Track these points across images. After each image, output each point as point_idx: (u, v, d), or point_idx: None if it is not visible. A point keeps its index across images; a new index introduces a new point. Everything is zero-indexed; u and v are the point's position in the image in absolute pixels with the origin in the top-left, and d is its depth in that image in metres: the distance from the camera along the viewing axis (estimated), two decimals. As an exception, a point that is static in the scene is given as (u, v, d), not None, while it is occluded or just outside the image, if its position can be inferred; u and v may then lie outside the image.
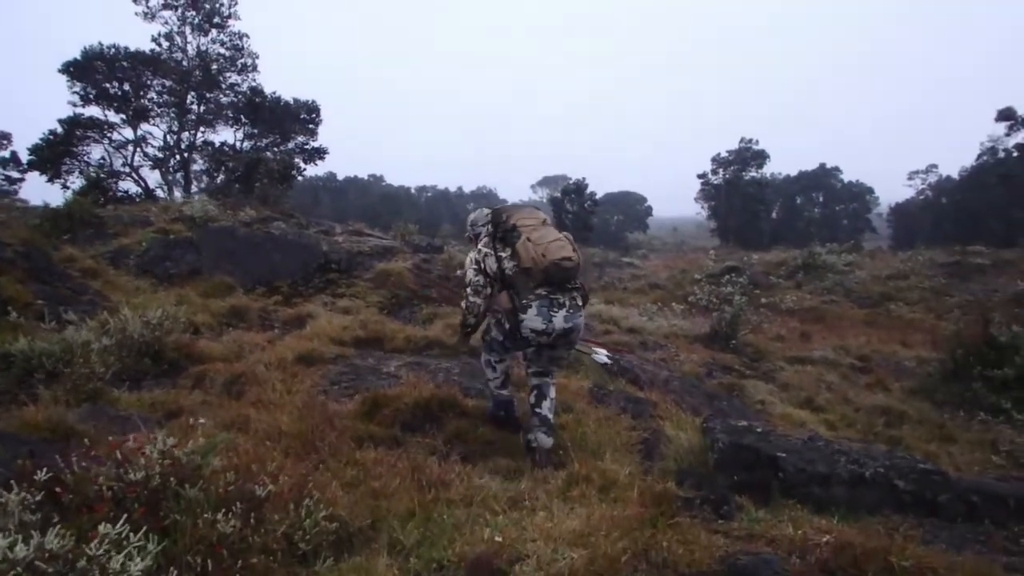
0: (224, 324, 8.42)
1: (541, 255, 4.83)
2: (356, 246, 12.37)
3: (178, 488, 2.99)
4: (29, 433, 4.08)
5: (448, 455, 4.59)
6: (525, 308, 4.91)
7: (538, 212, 5.40)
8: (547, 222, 5.27)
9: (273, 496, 3.20)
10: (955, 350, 11.14)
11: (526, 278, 4.93)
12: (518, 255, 4.95)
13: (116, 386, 5.56)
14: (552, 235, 5.03)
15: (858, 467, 4.21)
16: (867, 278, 27.09)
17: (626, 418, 5.64)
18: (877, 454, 4.52)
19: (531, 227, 5.08)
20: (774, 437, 4.69)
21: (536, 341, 5.00)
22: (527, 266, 4.88)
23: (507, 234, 5.13)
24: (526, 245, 4.91)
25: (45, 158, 31.91)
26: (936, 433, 8.97)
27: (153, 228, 12.79)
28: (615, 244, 69.17)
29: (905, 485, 4.12)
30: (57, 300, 7.71)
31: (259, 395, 5.51)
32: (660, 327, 12.26)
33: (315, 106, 39.21)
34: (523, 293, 4.94)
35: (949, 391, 10.62)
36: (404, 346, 7.69)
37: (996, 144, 58.04)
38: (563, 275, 4.89)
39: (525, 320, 4.91)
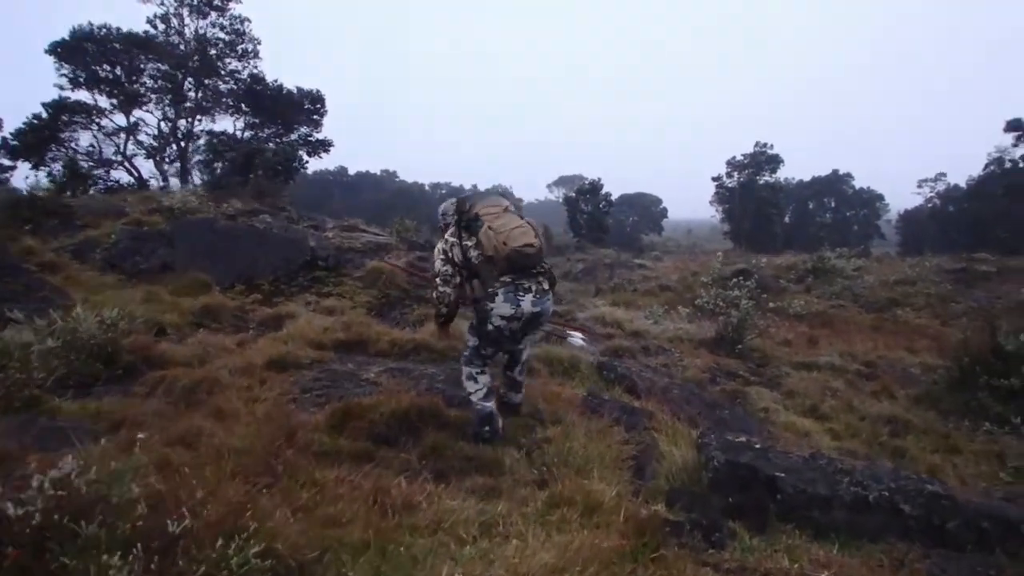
0: (194, 325, 7.86)
1: (502, 243, 4.91)
2: (347, 242, 11.84)
3: (73, 525, 2.47)
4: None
5: (421, 472, 4.13)
6: (492, 296, 4.99)
7: (502, 200, 5.43)
8: (509, 209, 5.31)
9: (196, 530, 2.67)
10: (961, 358, 10.87)
11: (490, 266, 5.02)
12: (481, 244, 5.02)
13: (59, 393, 5.06)
14: (514, 222, 5.09)
15: (861, 489, 3.99)
16: (875, 283, 27.25)
17: (619, 430, 5.15)
18: (882, 474, 4.28)
19: (493, 215, 5.14)
20: (773, 454, 4.48)
21: (508, 329, 5.07)
22: (490, 254, 4.97)
23: (471, 223, 5.18)
24: (488, 233, 4.99)
25: (28, 144, 30.60)
26: (941, 443, 8.78)
27: (126, 219, 12.21)
28: (630, 245, 68.96)
29: (911, 510, 3.89)
30: (6, 297, 7.21)
31: (219, 405, 4.90)
32: (665, 331, 11.94)
33: (319, 96, 37.91)
34: (489, 281, 5.05)
35: (955, 400, 10.43)
36: (389, 350, 7.10)
37: (1003, 155, 58.79)
38: (525, 261, 4.99)
39: (494, 308, 4.98)
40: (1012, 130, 54.44)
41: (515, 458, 4.55)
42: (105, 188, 28.58)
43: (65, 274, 9.23)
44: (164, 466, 3.59)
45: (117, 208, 13.25)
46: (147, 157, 34.95)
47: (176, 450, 3.87)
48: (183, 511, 2.70)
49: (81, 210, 12.84)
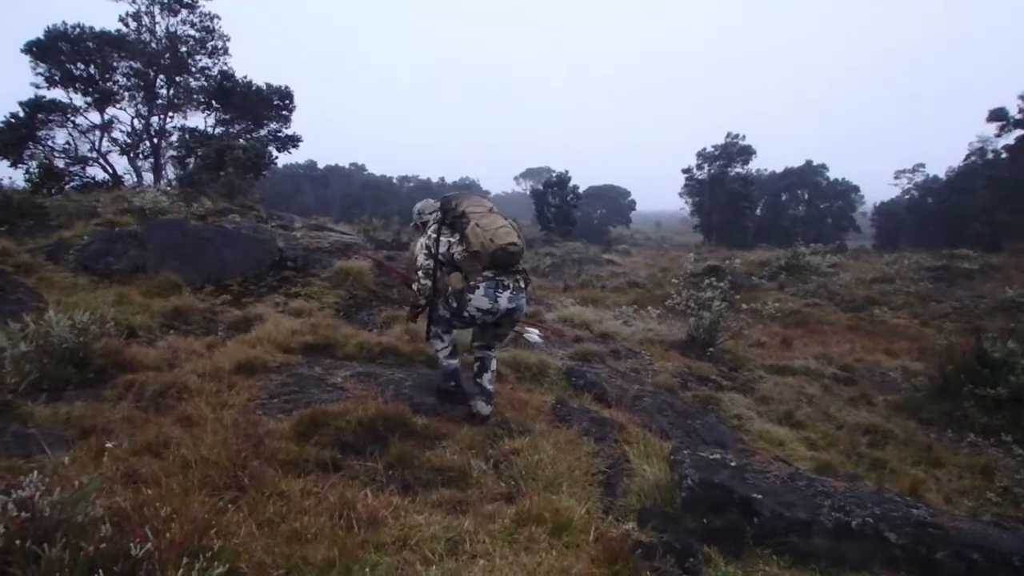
0: (164, 327, 7.82)
1: (489, 240, 5.27)
2: (315, 242, 11.79)
3: (36, 548, 2.48)
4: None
5: (387, 485, 4.14)
6: (473, 289, 5.34)
7: (485, 200, 5.81)
8: (493, 210, 5.67)
9: (160, 551, 2.67)
10: (944, 365, 10.67)
11: (474, 261, 5.36)
12: (468, 240, 5.36)
13: (33, 397, 5.07)
14: (499, 222, 5.46)
15: (844, 515, 3.76)
16: (851, 281, 27.04)
17: (588, 442, 5.18)
18: (865, 498, 4.02)
19: (479, 214, 5.49)
20: (750, 474, 4.25)
21: (481, 320, 5.53)
22: (476, 250, 5.31)
23: (456, 220, 5.54)
24: (475, 231, 5.33)
25: (7, 143, 30.59)
26: (923, 455, 8.50)
27: (99, 220, 12.15)
28: (597, 238, 69.12)
29: (897, 538, 3.63)
30: (-21, 300, 7.16)
31: (187, 411, 4.94)
32: (635, 332, 11.78)
33: (288, 92, 37.94)
34: (471, 275, 5.37)
35: (937, 409, 10.16)
36: (356, 353, 7.16)
37: (985, 145, 58.41)
38: (509, 259, 5.38)
39: (472, 300, 5.36)
40: (995, 120, 53.75)
41: (482, 470, 4.53)
42: (81, 185, 28.45)
43: (39, 275, 9.19)
44: (131, 477, 3.68)
45: (89, 209, 13.14)
46: (121, 154, 34.86)
47: (143, 460, 3.92)
48: (146, 531, 2.71)
49: (55, 211, 12.71)
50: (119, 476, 3.70)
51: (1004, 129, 53.69)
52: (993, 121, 53.96)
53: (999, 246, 40.70)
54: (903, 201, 71.13)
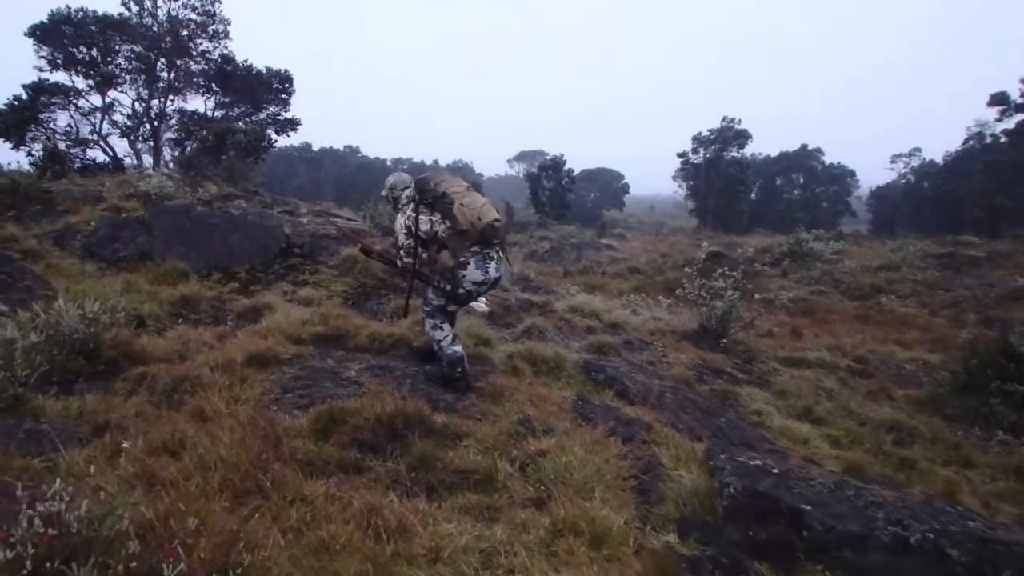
0: (173, 316, 7.72)
1: (477, 218, 5.69)
2: (321, 228, 11.64)
3: (64, 567, 2.37)
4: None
5: (411, 488, 4.02)
6: (464, 265, 5.82)
7: (460, 179, 6.15)
8: (470, 188, 6.02)
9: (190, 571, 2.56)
10: (968, 360, 10.40)
11: (461, 239, 5.78)
12: (455, 219, 5.71)
13: (43, 390, 4.99)
14: (480, 200, 5.86)
15: (901, 529, 3.53)
16: (856, 268, 26.69)
17: (616, 442, 5.02)
18: (918, 508, 3.82)
19: (460, 193, 5.84)
20: (794, 481, 4.08)
21: (476, 292, 6.11)
22: (464, 228, 5.70)
23: (437, 200, 5.88)
24: (461, 210, 5.70)
25: (9, 125, 30.55)
26: (952, 455, 8.29)
27: (105, 205, 12.03)
28: (591, 221, 68.89)
29: (959, 555, 3.38)
30: (-11, 288, 7.05)
31: (201, 405, 4.83)
32: (645, 322, 11.58)
33: (288, 76, 37.84)
34: (459, 252, 5.80)
35: (962, 405, 9.92)
36: (368, 345, 7.00)
37: (983, 129, 57.81)
38: (494, 234, 5.87)
39: (466, 275, 5.85)
40: (996, 104, 53.00)
41: (508, 472, 4.38)
42: (81, 167, 28.39)
43: (46, 262, 9.08)
44: (149, 480, 3.59)
45: (95, 193, 13.00)
46: (121, 136, 34.90)
47: (160, 460, 3.82)
48: (178, 549, 2.62)
49: (61, 195, 12.59)
50: (137, 479, 3.61)
51: (1005, 113, 53.07)
52: (994, 105, 53.28)
53: (998, 231, 40.46)
54: (899, 185, 70.42)
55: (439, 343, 6.03)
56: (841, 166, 76.71)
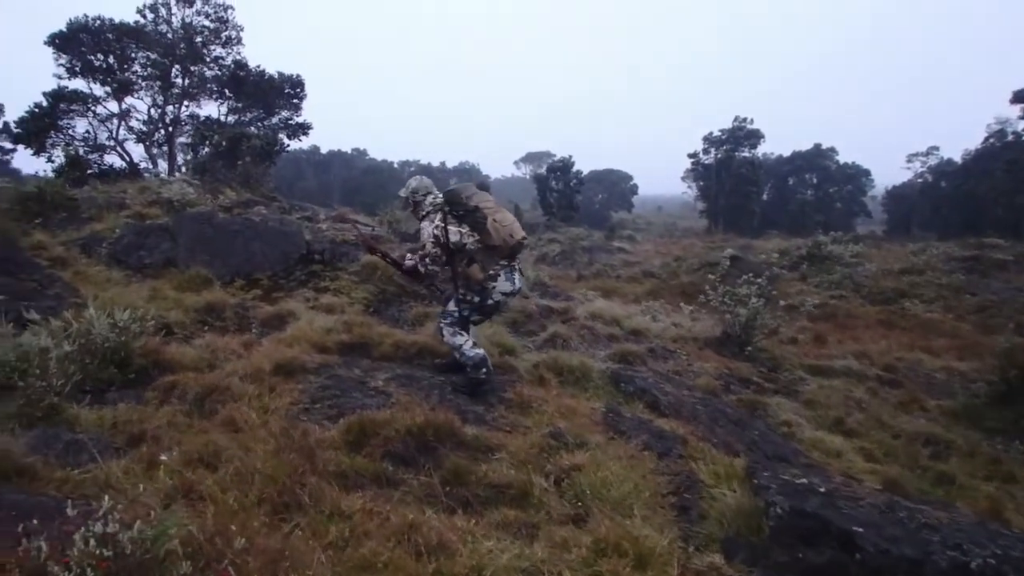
0: (199, 323, 7.78)
1: (509, 235, 5.87)
2: (340, 235, 11.67)
3: None
4: (-33, 470, 3.52)
5: (446, 503, 4.02)
6: (495, 277, 5.99)
7: (486, 193, 6.15)
8: (497, 202, 6.10)
9: None
10: (1007, 370, 10.10)
11: (490, 253, 5.94)
12: (488, 234, 5.83)
13: (76, 399, 5.02)
14: (510, 217, 6.03)
15: (960, 554, 3.36)
16: (877, 272, 26.15)
17: (651, 457, 4.98)
18: (973, 531, 3.66)
19: (492, 209, 5.92)
20: (843, 501, 3.91)
21: (505, 303, 6.36)
22: (496, 244, 5.85)
23: (468, 213, 5.93)
24: (495, 226, 5.82)
25: (30, 131, 31.36)
26: (992, 470, 8.08)
27: (128, 212, 12.18)
28: (599, 223, 68.68)
29: None
30: (20, 295, 7.11)
31: (232, 415, 4.88)
32: (666, 329, 11.49)
33: (299, 80, 38.50)
34: (489, 265, 5.97)
35: (1000, 417, 9.65)
36: (392, 353, 7.02)
37: (1005, 127, 56.82)
38: (521, 250, 6.13)
39: (497, 286, 6.02)
40: (1019, 101, 51.30)
41: (543, 488, 4.31)
42: (99, 172, 28.72)
43: (74, 269, 9.16)
44: (187, 493, 3.61)
45: (118, 200, 13.17)
46: (137, 141, 35.66)
47: (197, 472, 3.84)
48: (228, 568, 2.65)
49: (86, 203, 12.76)
50: (176, 492, 3.63)
51: (1029, 111, 51.45)
52: (1017, 103, 51.80)
53: (1019, 230, 39.86)
54: (916, 185, 69.53)
55: (460, 348, 6.10)
56: (856, 165, 75.84)
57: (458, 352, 6.13)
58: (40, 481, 3.63)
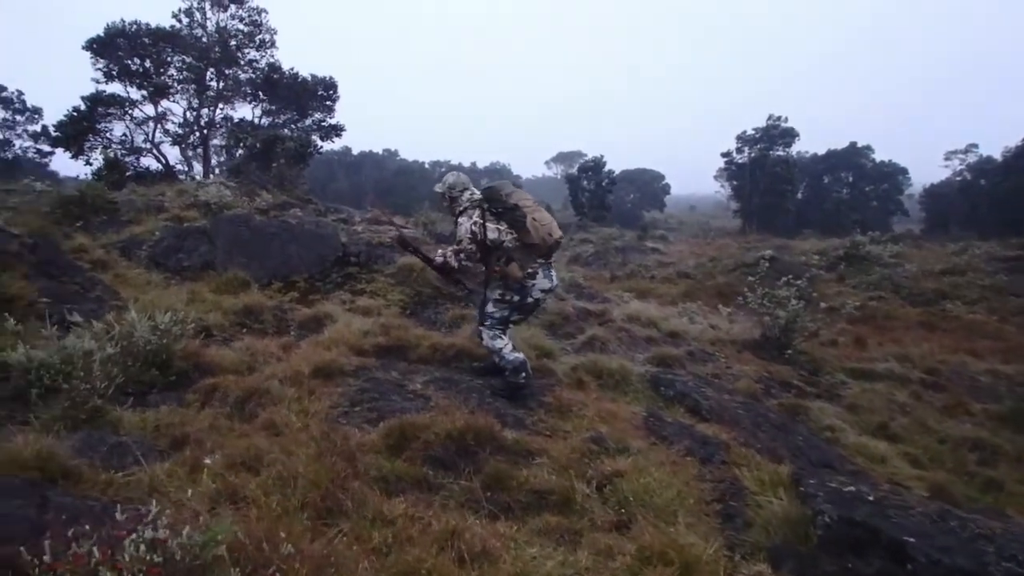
0: (237, 325, 7.83)
1: (548, 234, 5.89)
2: (376, 236, 11.68)
3: None
4: (15, 472, 3.53)
5: (487, 507, 4.00)
6: (533, 275, 6.02)
7: (525, 192, 6.19)
8: (535, 201, 6.11)
9: None
10: None
11: (528, 251, 5.93)
12: (527, 232, 5.81)
13: (119, 401, 5.02)
14: (548, 216, 6.02)
15: (1016, 565, 3.23)
16: (917, 272, 25.67)
17: (694, 463, 4.94)
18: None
19: (531, 208, 5.91)
20: (892, 510, 3.82)
21: (543, 300, 6.47)
22: (535, 242, 5.85)
23: (507, 211, 5.92)
24: (534, 225, 5.81)
25: (69, 135, 32.00)
26: None
27: (167, 215, 12.32)
28: (631, 223, 68.38)
29: None
30: (63, 297, 7.23)
31: (272, 418, 4.91)
32: (703, 331, 11.37)
33: (333, 83, 39.05)
34: (527, 263, 5.96)
35: None
36: (430, 356, 7.02)
37: None
38: (557, 249, 6.20)
39: (536, 284, 6.06)
40: None
41: (586, 494, 4.27)
42: (135, 174, 29.17)
43: (114, 272, 9.25)
44: (231, 497, 3.62)
45: (157, 203, 13.35)
46: (172, 144, 36.42)
47: (239, 476, 3.85)
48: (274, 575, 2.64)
49: (125, 206, 12.94)
50: (220, 495, 3.64)
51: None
52: None
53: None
54: (954, 183, 68.29)
55: (500, 351, 6.08)
56: (892, 164, 74.48)
57: (497, 356, 6.10)
58: (86, 483, 3.64)
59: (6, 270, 7.19)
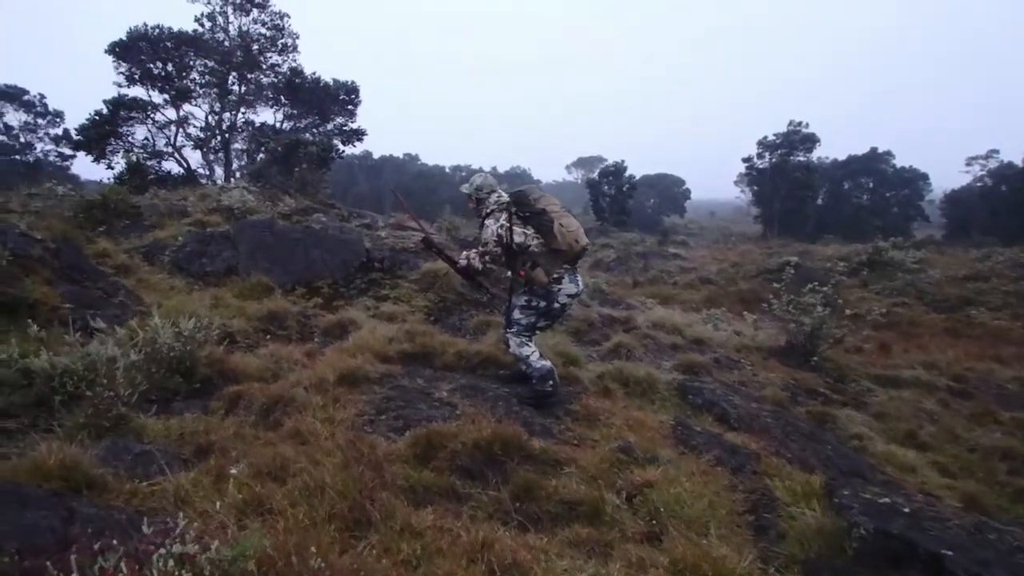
0: (261, 331, 7.79)
1: (575, 241, 5.86)
2: (400, 242, 11.64)
3: None
4: (39, 482, 3.49)
5: (515, 518, 3.93)
6: (560, 280, 5.93)
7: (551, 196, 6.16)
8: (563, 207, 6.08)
9: None
10: None
11: (554, 256, 5.87)
12: (554, 237, 5.79)
13: (143, 408, 4.99)
14: (575, 222, 6.00)
15: None
16: (941, 278, 25.56)
17: (724, 473, 4.86)
18: None
19: (559, 213, 5.91)
20: (928, 522, 3.76)
21: (570, 304, 6.28)
22: (561, 248, 5.82)
23: (534, 216, 5.90)
24: (561, 231, 5.79)
25: (91, 139, 32.29)
26: None
27: (190, 220, 12.34)
28: (651, 227, 68.35)
29: None
30: (86, 303, 7.19)
31: (298, 426, 4.85)
32: (728, 338, 11.29)
33: (355, 87, 39.31)
34: (552, 268, 5.87)
35: None
36: (455, 363, 6.95)
37: None
38: (583, 255, 6.11)
39: (563, 288, 5.97)
40: None
41: (616, 504, 4.22)
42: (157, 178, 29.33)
43: (137, 277, 9.25)
44: (258, 507, 3.57)
45: (180, 208, 13.38)
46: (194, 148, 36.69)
47: (265, 485, 3.80)
48: None
49: (148, 210, 12.95)
50: (246, 506, 3.59)
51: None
52: None
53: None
54: (975, 189, 67.69)
55: (527, 359, 6.03)
56: (913, 169, 73.78)
57: (524, 364, 6.07)
58: (110, 493, 3.59)
59: (29, 275, 7.17)
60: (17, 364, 5.01)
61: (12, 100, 53.55)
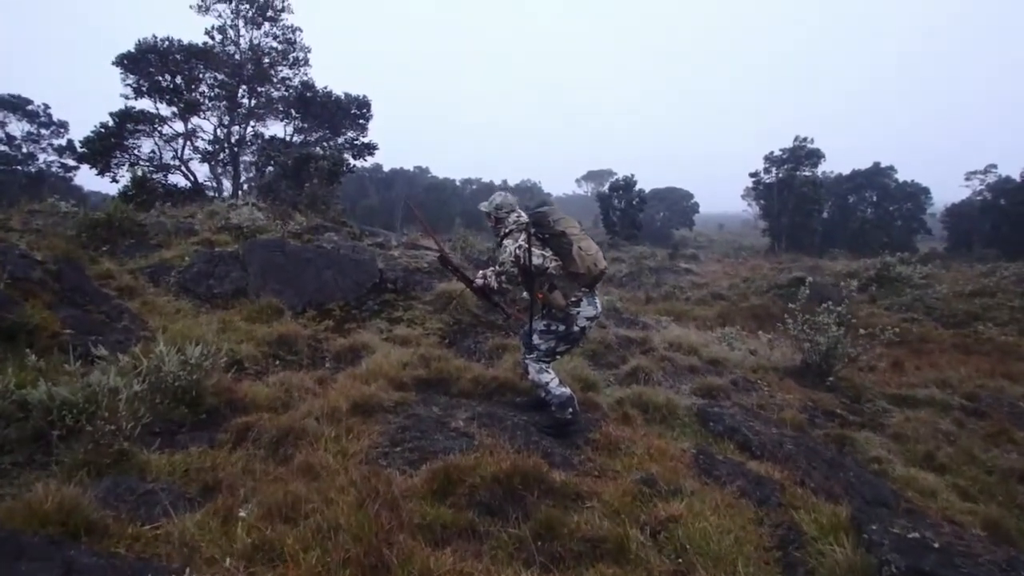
0: (270, 356, 7.60)
1: (593, 264, 5.76)
2: (413, 262, 11.45)
3: None
4: (36, 527, 3.33)
5: (542, 562, 3.74)
6: (578, 303, 5.85)
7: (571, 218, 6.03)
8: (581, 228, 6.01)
9: None
10: None
11: (572, 279, 5.77)
12: (573, 260, 5.69)
13: (145, 442, 4.80)
14: (594, 245, 5.90)
15: None
16: (948, 294, 25.59)
17: (749, 505, 4.70)
18: None
19: (578, 236, 5.82)
20: (960, 559, 3.67)
21: (589, 328, 6.11)
22: (579, 271, 5.72)
23: (553, 237, 5.80)
24: (580, 254, 5.70)
25: (96, 151, 32.34)
26: None
27: (197, 239, 12.10)
28: (661, 241, 68.86)
29: None
30: (88, 328, 6.98)
31: (309, 460, 4.66)
32: (744, 358, 11.15)
33: (366, 101, 39.46)
34: (571, 291, 5.79)
35: None
36: (472, 389, 6.79)
37: None
38: (602, 278, 5.95)
39: (581, 311, 5.87)
40: None
41: (640, 541, 4.04)
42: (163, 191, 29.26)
43: (142, 299, 9.02)
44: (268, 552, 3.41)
45: (187, 226, 13.10)
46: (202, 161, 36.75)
47: (275, 527, 3.64)
48: None
49: (154, 228, 12.67)
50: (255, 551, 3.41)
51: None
52: None
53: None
54: (975, 203, 68.68)
55: (546, 386, 5.91)
56: (915, 183, 74.99)
57: (543, 390, 5.94)
58: (112, 538, 3.44)
59: (29, 299, 6.99)
60: (13, 395, 4.82)
61: (15, 110, 53.36)
